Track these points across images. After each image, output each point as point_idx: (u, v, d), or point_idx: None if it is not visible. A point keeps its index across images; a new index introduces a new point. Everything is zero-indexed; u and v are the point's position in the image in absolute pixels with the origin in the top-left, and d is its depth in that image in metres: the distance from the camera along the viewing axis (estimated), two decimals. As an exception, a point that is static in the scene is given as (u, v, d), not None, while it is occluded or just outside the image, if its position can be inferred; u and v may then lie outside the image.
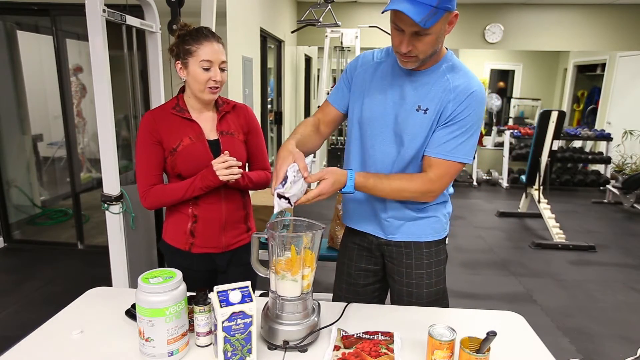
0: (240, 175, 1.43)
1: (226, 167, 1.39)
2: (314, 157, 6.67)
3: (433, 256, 1.43)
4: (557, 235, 4.33)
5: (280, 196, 1.17)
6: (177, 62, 1.45)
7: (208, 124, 1.51)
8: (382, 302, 1.59)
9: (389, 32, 1.26)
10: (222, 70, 1.44)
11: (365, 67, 1.41)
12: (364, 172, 1.33)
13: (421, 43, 1.18)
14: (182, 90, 1.52)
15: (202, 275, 1.57)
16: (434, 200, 1.39)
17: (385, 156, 1.35)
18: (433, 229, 1.42)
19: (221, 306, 1.01)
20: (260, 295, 1.46)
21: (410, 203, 1.39)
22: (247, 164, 1.62)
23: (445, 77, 1.28)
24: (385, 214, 1.41)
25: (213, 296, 1.05)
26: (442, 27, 1.17)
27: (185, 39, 1.42)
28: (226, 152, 1.43)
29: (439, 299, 1.46)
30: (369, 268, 1.52)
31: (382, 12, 1.16)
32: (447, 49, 1.32)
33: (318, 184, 1.22)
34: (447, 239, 1.49)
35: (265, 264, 1.18)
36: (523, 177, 4.99)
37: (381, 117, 1.34)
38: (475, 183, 7.05)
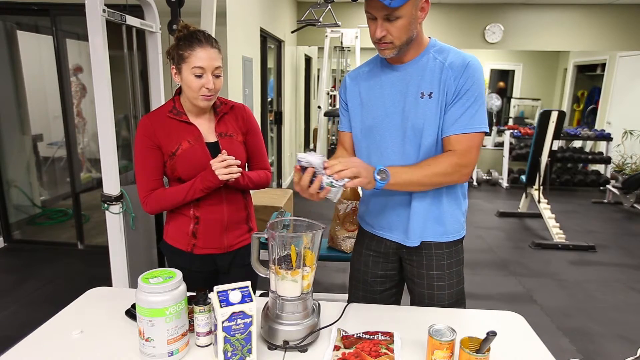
0: (239, 174, 1.42)
1: (225, 166, 1.38)
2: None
3: (453, 256, 1.43)
4: (557, 235, 4.33)
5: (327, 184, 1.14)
6: (172, 66, 1.43)
7: (206, 126, 1.50)
8: (398, 304, 1.57)
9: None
10: (216, 76, 1.40)
11: (354, 82, 1.43)
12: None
13: (394, 28, 1.21)
14: (179, 91, 1.50)
15: (204, 276, 1.56)
16: (453, 198, 1.38)
17: (403, 157, 1.33)
18: (454, 228, 1.41)
19: (221, 306, 1.01)
20: (260, 295, 1.46)
21: (434, 201, 1.36)
22: (246, 165, 1.62)
23: (437, 60, 1.29)
24: (410, 213, 1.37)
25: (213, 296, 1.05)
26: (412, 11, 1.21)
27: (180, 43, 1.39)
28: (224, 151, 1.42)
29: (459, 300, 1.45)
30: (385, 274, 1.50)
31: (354, 0, 1.24)
32: (429, 38, 1.34)
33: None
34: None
35: (265, 264, 1.18)
36: (523, 177, 4.99)
37: (385, 119, 1.33)
38: (475, 183, 7.05)
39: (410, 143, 1.32)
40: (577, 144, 7.36)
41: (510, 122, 8.90)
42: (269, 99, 5.82)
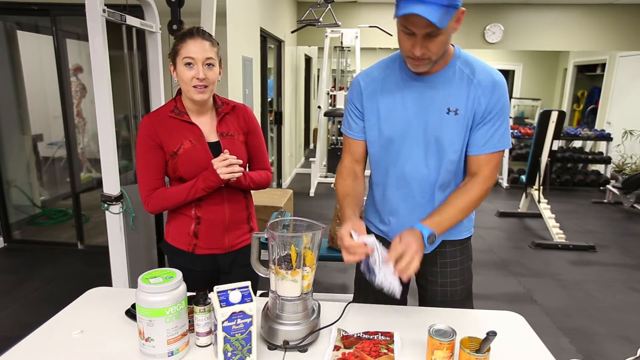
0: (241, 173, 1.43)
1: (226, 165, 1.39)
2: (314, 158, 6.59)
3: (464, 253, 1.45)
4: (557, 235, 4.33)
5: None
6: (171, 64, 1.45)
7: (208, 126, 1.50)
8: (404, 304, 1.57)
9: (389, 32, 1.25)
10: (208, 67, 1.40)
11: (370, 89, 1.35)
12: (423, 219, 1.27)
13: (434, 44, 1.15)
14: (180, 91, 1.51)
15: (205, 276, 1.57)
16: None
17: (426, 169, 1.31)
18: (465, 226, 1.43)
19: (221, 306, 1.01)
20: (261, 295, 1.46)
21: None
22: (247, 165, 1.62)
23: (464, 74, 1.26)
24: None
25: (213, 296, 1.05)
26: (452, 25, 1.15)
27: (175, 40, 1.42)
28: (226, 150, 1.42)
29: (469, 296, 1.47)
30: None
31: (395, 18, 1.12)
32: (453, 45, 1.30)
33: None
34: None
35: (265, 264, 1.18)
36: (523, 177, 4.99)
37: (407, 131, 1.30)
38: (475, 183, 7.04)
39: (433, 155, 1.30)
40: (577, 144, 7.36)
41: (510, 122, 8.88)
42: (269, 99, 5.82)
